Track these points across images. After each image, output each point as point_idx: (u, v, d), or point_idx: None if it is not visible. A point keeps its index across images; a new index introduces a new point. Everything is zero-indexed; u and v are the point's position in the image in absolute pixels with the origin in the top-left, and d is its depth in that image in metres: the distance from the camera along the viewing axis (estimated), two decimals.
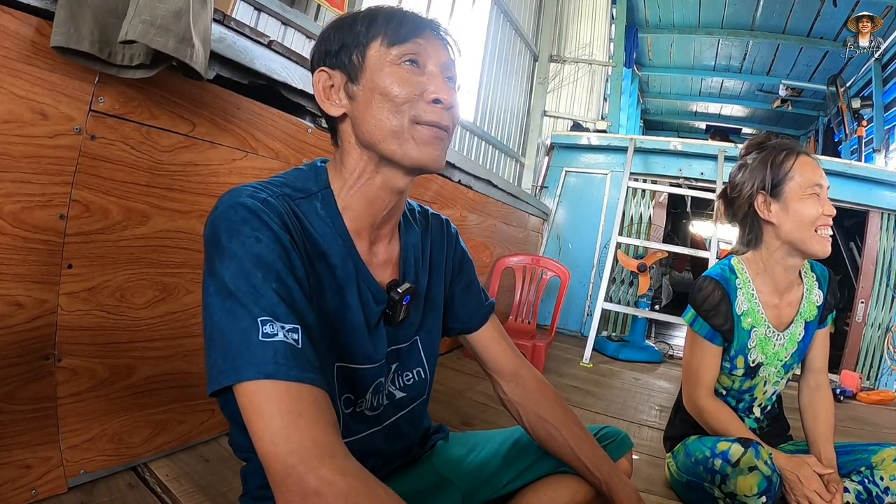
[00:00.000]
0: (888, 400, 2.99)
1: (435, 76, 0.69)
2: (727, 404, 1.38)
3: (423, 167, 0.69)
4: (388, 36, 0.68)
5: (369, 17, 0.70)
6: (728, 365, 1.35)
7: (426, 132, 0.67)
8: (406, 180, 0.72)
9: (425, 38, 0.69)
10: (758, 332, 1.32)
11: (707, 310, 1.31)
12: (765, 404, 1.41)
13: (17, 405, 0.91)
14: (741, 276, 1.34)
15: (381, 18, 0.69)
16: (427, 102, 0.67)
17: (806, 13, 5.82)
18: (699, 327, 1.33)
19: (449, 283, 0.88)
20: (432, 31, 0.71)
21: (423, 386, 0.85)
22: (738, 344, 1.32)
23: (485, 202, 2.82)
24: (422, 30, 0.69)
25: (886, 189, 3.52)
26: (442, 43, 0.72)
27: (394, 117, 0.67)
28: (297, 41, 2.03)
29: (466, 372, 2.47)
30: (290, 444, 0.49)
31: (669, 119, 9.92)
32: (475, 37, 3.62)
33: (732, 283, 1.33)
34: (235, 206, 0.59)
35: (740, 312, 1.31)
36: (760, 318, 1.33)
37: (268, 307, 0.54)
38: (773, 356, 1.34)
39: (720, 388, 1.40)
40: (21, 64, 0.84)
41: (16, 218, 0.87)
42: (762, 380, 1.37)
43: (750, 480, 1.08)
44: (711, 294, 1.31)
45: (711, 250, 3.35)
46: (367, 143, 0.69)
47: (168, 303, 1.16)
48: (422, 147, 0.67)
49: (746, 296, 1.33)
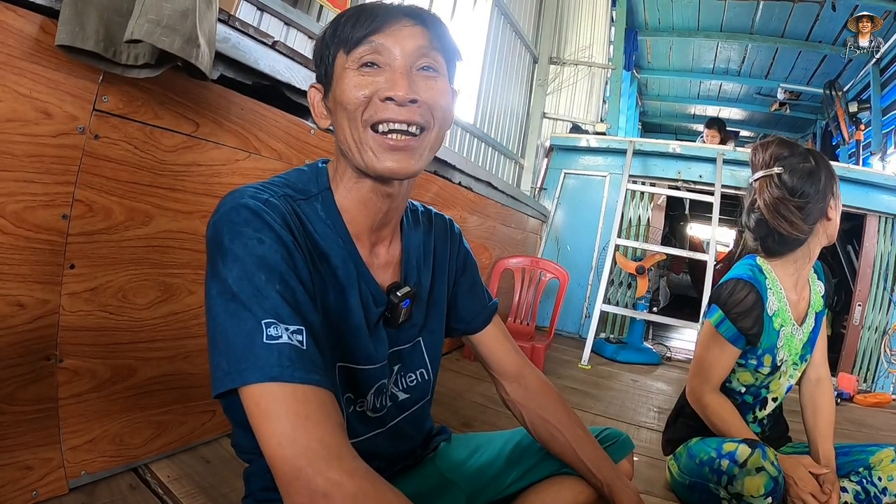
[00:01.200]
0: (885, 402, 3.00)
1: (393, 70, 0.63)
2: (744, 402, 1.38)
3: (388, 176, 0.66)
4: (346, 41, 0.64)
5: (334, 22, 0.67)
6: (754, 363, 1.33)
7: (381, 139, 0.64)
8: (389, 187, 0.69)
9: (386, 31, 0.64)
10: (785, 331, 1.32)
11: (739, 312, 1.27)
12: (778, 398, 1.41)
13: (18, 406, 0.91)
14: (769, 277, 1.33)
15: (342, 22, 0.65)
16: (380, 101, 0.63)
17: (805, 17, 5.84)
18: (725, 329, 1.30)
19: (453, 284, 0.88)
20: (399, 17, 0.65)
21: (427, 387, 0.85)
22: (767, 343, 1.31)
23: (484, 203, 2.82)
24: (381, 23, 0.64)
25: (884, 193, 3.54)
26: (414, 28, 0.65)
27: (351, 126, 0.64)
28: (299, 41, 2.03)
29: (466, 373, 2.47)
30: (297, 447, 0.49)
31: (668, 122, 9.95)
32: (476, 38, 3.62)
33: (763, 284, 1.30)
34: (238, 208, 0.59)
35: (771, 313, 1.30)
36: (788, 317, 1.33)
37: (271, 309, 0.54)
38: (794, 351, 1.35)
39: (740, 385, 1.38)
40: (25, 62, 0.83)
41: (18, 217, 0.86)
42: (781, 374, 1.37)
43: (757, 481, 1.08)
44: (745, 298, 1.27)
45: (710, 253, 3.36)
46: (343, 153, 0.69)
47: (170, 303, 1.15)
48: (381, 155, 0.64)
49: (777, 296, 1.32)
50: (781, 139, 1.33)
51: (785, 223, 1.24)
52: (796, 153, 1.27)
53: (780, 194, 1.24)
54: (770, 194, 1.26)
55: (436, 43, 0.67)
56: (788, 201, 1.23)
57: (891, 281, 3.49)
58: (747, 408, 1.39)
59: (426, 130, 0.66)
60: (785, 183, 1.25)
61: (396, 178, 0.67)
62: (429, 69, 0.66)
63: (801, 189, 1.24)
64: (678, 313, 4.22)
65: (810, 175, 1.24)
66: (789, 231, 1.24)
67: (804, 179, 1.24)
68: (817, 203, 1.24)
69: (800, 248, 1.30)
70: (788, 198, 1.24)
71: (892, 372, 3.38)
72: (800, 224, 1.23)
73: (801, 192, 1.24)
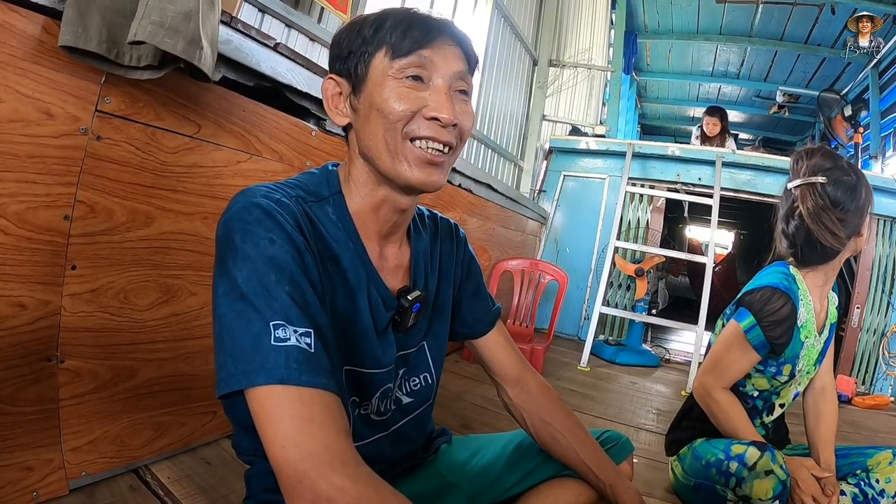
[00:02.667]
0: (883, 405, 3.01)
1: (438, 91, 0.65)
2: (754, 406, 1.38)
3: (417, 188, 0.67)
4: (393, 46, 0.64)
5: (378, 21, 0.66)
6: (773, 370, 1.32)
7: (420, 152, 0.64)
8: (407, 200, 0.70)
9: (434, 48, 0.65)
10: (808, 342, 1.31)
11: (772, 322, 1.25)
12: (785, 404, 1.41)
13: (19, 407, 0.91)
14: (801, 287, 1.31)
15: (389, 24, 0.65)
16: (425, 119, 0.64)
17: (804, 20, 5.87)
18: (753, 336, 1.27)
19: (457, 289, 0.89)
20: (445, 37, 0.66)
21: (430, 391, 0.85)
22: (790, 354, 1.30)
23: (484, 205, 2.83)
24: (431, 38, 0.64)
25: (883, 195, 3.54)
26: (457, 50, 0.67)
27: (388, 134, 0.64)
28: (300, 43, 2.04)
29: (465, 375, 2.48)
30: (301, 451, 0.49)
31: (667, 124, 9.97)
32: (476, 40, 3.63)
33: (797, 295, 1.29)
34: (249, 207, 0.59)
35: (800, 325, 1.29)
36: (812, 328, 1.32)
37: (280, 310, 0.54)
38: (810, 361, 1.35)
39: (753, 389, 1.38)
40: (27, 63, 0.83)
41: (20, 218, 0.86)
42: (794, 382, 1.36)
43: (766, 484, 1.08)
44: (781, 308, 1.25)
45: (709, 255, 3.37)
46: (366, 157, 0.68)
47: (171, 305, 1.15)
48: (415, 168, 0.65)
49: (806, 307, 1.31)
50: (826, 149, 1.31)
51: (827, 233, 1.22)
52: (839, 166, 1.26)
53: (823, 203, 1.23)
54: (814, 202, 1.24)
55: (471, 67, 0.69)
56: (831, 212, 1.23)
57: (889, 283, 3.50)
58: (756, 412, 1.39)
59: (453, 149, 0.68)
60: (828, 194, 1.23)
61: (425, 190, 0.67)
62: (464, 93, 0.68)
63: (842, 202, 1.23)
64: (677, 315, 4.23)
65: (853, 189, 1.24)
66: (831, 242, 1.23)
67: (846, 193, 1.23)
68: (855, 218, 1.24)
69: (832, 260, 1.30)
70: (831, 208, 1.23)
71: (890, 374, 3.39)
72: (840, 236, 1.23)
73: (842, 205, 1.23)
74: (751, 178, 3.80)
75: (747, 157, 3.72)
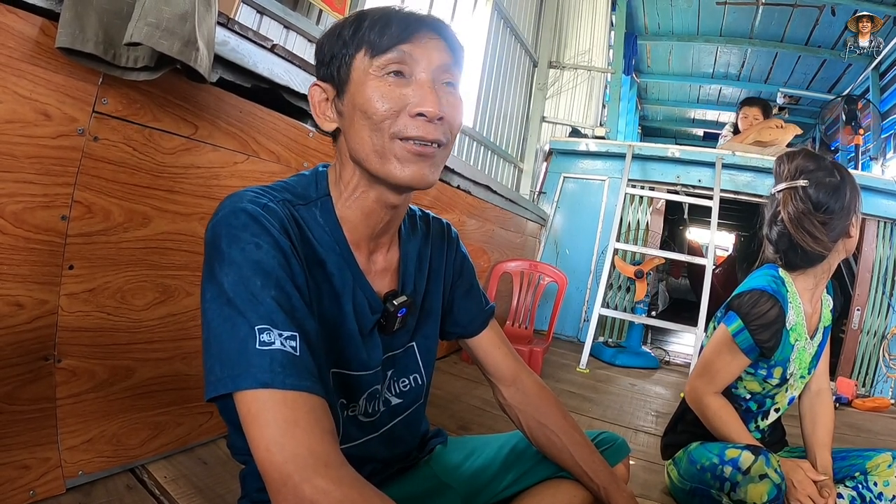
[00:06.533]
0: (883, 407, 3.00)
1: (422, 85, 0.63)
2: (748, 409, 1.37)
3: (407, 186, 0.66)
4: (372, 44, 0.63)
5: (356, 21, 0.65)
6: (764, 373, 1.31)
7: (408, 149, 0.63)
8: (399, 197, 0.70)
9: (414, 42, 0.63)
10: (799, 346, 1.31)
11: (760, 325, 1.24)
12: (781, 409, 1.40)
13: (16, 405, 0.91)
14: (790, 290, 1.30)
15: (367, 23, 0.63)
16: (410, 117, 0.63)
17: (804, 22, 5.87)
18: (742, 339, 1.26)
19: (449, 289, 0.88)
20: (427, 30, 0.64)
21: (420, 392, 0.85)
22: (780, 357, 1.29)
23: (483, 207, 2.83)
24: (411, 32, 0.63)
25: (883, 197, 3.55)
26: (439, 42, 0.65)
27: (374, 135, 0.63)
28: (298, 45, 2.04)
29: (463, 376, 2.47)
30: (285, 453, 0.50)
31: (667, 126, 9.97)
32: (476, 42, 3.63)
33: (785, 298, 1.27)
34: (236, 212, 0.59)
35: (789, 328, 1.28)
36: (803, 332, 1.31)
37: (266, 315, 0.54)
38: (803, 365, 1.34)
39: (745, 392, 1.37)
40: (25, 64, 0.84)
41: (17, 218, 0.87)
42: (787, 386, 1.36)
43: (761, 488, 1.08)
44: (768, 311, 1.23)
45: (708, 257, 3.37)
46: (356, 160, 0.67)
47: (168, 305, 1.16)
48: (405, 165, 0.64)
49: (795, 310, 1.30)
50: (808, 151, 1.29)
51: (809, 238, 1.20)
52: (822, 166, 1.24)
53: (804, 208, 1.21)
54: (794, 207, 1.22)
55: (456, 58, 0.67)
56: (813, 216, 1.20)
57: (889, 285, 3.49)
58: (751, 416, 1.38)
59: (443, 146, 0.67)
60: (810, 196, 1.21)
61: (416, 188, 0.66)
62: (450, 85, 0.67)
63: (825, 204, 1.21)
64: (677, 317, 4.23)
65: (836, 190, 1.21)
66: (812, 247, 1.21)
67: (829, 194, 1.21)
68: (841, 220, 1.22)
69: (821, 263, 1.28)
70: (813, 212, 1.21)
71: (890, 376, 3.38)
72: (823, 240, 1.20)
73: (825, 207, 1.21)
74: (751, 180, 3.79)
75: (747, 158, 3.72)
